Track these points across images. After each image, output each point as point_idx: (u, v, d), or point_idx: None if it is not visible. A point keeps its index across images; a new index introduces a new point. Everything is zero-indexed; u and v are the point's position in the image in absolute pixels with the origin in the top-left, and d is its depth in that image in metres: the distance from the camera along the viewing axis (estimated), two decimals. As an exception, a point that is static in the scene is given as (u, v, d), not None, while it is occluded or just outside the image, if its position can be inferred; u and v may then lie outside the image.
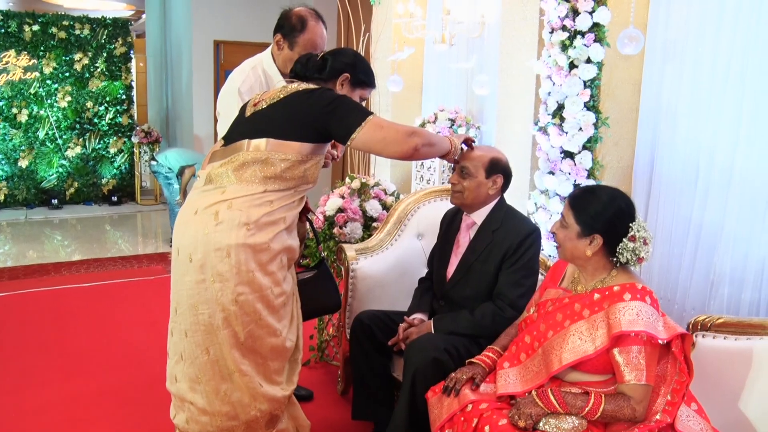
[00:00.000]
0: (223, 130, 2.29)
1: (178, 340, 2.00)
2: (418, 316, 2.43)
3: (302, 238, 2.36)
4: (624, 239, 1.79)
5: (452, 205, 2.50)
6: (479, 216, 2.40)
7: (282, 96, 2.01)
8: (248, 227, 1.91)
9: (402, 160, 2.04)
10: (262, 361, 2.01)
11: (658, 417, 1.69)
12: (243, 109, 2.12)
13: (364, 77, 2.16)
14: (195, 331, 1.95)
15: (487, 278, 2.33)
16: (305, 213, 2.36)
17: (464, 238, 2.44)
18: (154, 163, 6.14)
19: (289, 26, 2.41)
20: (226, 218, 1.91)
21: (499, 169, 2.37)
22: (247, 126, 2.04)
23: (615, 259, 1.82)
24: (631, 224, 1.79)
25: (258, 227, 1.92)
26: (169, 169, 6.02)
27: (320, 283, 2.40)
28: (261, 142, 1.95)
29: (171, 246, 6.22)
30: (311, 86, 2.02)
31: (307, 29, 2.40)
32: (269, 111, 2.01)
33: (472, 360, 2.04)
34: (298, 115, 1.96)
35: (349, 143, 1.95)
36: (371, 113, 1.97)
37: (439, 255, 2.52)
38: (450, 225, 2.52)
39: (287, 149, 1.95)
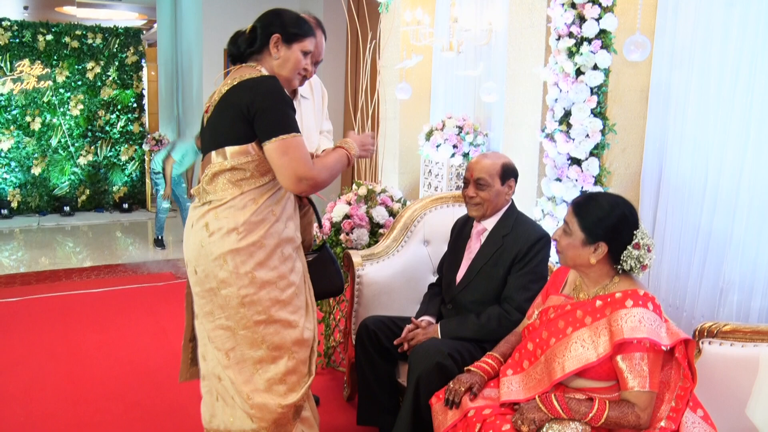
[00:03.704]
0: None
1: (201, 345, 2.08)
2: (425, 319, 2.44)
3: (310, 222, 2.37)
4: (628, 247, 1.78)
5: (455, 211, 2.50)
6: (490, 222, 2.41)
7: (223, 93, 1.94)
8: (238, 231, 1.93)
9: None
10: (287, 355, 2.02)
11: (662, 424, 1.68)
12: (203, 116, 2.09)
13: (295, 29, 2.02)
14: (215, 336, 2.00)
15: (495, 282, 2.34)
16: (306, 196, 2.32)
17: (475, 245, 2.44)
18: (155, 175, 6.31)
19: None
20: (215, 228, 1.94)
21: (511, 173, 2.39)
22: (206, 135, 2.02)
23: (618, 266, 1.81)
24: (635, 232, 1.79)
25: (247, 229, 1.94)
26: (157, 172, 6.16)
27: (322, 266, 2.39)
28: (222, 152, 1.93)
29: (161, 245, 6.33)
30: (246, 77, 1.93)
31: None
32: (215, 117, 1.97)
33: (470, 368, 2.03)
34: (240, 111, 1.89)
35: (262, 145, 1.89)
36: (292, 132, 1.88)
37: (449, 261, 2.52)
38: (460, 233, 2.53)
39: (250, 150, 1.92)
